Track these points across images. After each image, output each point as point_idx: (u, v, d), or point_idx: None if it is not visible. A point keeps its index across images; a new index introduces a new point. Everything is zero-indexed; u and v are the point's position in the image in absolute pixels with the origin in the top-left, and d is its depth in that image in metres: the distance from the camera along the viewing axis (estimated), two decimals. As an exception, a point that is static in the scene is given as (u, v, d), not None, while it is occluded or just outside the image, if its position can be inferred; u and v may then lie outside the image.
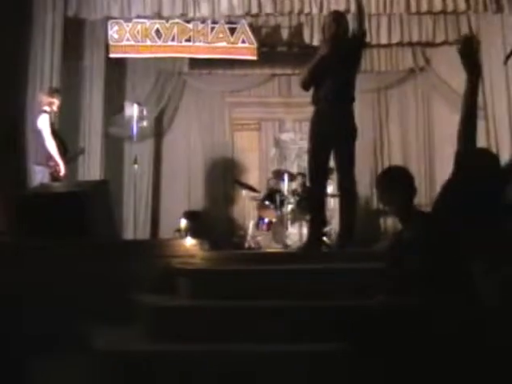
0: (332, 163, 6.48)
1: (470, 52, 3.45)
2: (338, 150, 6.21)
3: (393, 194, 3.75)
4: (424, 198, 9.50)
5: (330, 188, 8.77)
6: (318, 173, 6.33)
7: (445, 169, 11.09)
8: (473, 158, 3.49)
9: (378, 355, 3.21)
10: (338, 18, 6.44)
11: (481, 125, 9.64)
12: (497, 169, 3.47)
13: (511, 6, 9.14)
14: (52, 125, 7.85)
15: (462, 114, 3.50)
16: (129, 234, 9.97)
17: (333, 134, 6.14)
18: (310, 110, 6.52)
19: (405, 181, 3.81)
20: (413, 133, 11.08)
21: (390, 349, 3.15)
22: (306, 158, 7.47)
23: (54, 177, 7.73)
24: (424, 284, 3.31)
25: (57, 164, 7.71)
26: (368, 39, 9.95)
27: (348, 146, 6.20)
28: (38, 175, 7.76)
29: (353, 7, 8.89)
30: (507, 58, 7.15)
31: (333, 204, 9.04)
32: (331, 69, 6.18)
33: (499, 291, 3.02)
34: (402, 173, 3.89)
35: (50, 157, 7.71)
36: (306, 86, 6.44)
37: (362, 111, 10.17)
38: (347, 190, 6.21)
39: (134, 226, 10.17)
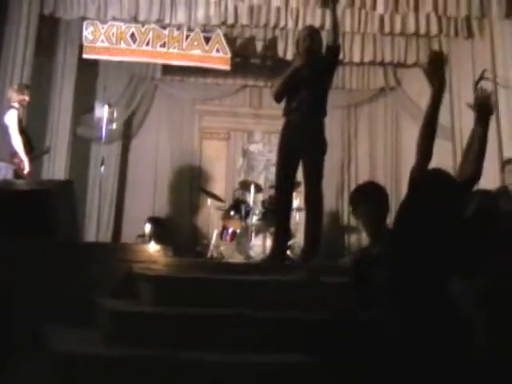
0: (299, 176, 6.48)
1: (436, 66, 3.47)
2: (307, 162, 6.18)
3: (367, 207, 3.77)
4: (390, 215, 9.54)
5: (296, 202, 8.80)
6: (285, 184, 6.32)
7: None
8: (425, 179, 3.53)
9: (342, 367, 3.23)
10: (313, 32, 6.48)
11: (447, 146, 9.87)
12: (450, 188, 3.50)
13: (482, 32, 9.30)
14: (19, 121, 7.77)
15: (422, 128, 3.53)
16: (90, 236, 9.89)
17: (303, 146, 6.13)
18: (279, 123, 6.51)
19: (380, 196, 3.84)
20: (381, 151, 11.18)
21: (356, 361, 3.17)
22: (273, 170, 7.47)
23: (18, 174, 7.64)
24: (392, 300, 3.34)
25: (21, 161, 7.62)
26: (341, 56, 10.05)
27: (318, 159, 6.18)
28: (2, 172, 7.67)
29: (328, 23, 8.98)
30: (477, 82, 7.26)
31: (298, 218, 9.07)
32: (305, 81, 6.19)
33: (475, 301, 3.06)
34: (378, 188, 3.93)
35: (14, 154, 7.63)
36: (278, 97, 6.42)
37: (332, 127, 10.21)
38: (314, 204, 6.21)
39: (96, 229, 10.11)
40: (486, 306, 3.10)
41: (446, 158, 9.74)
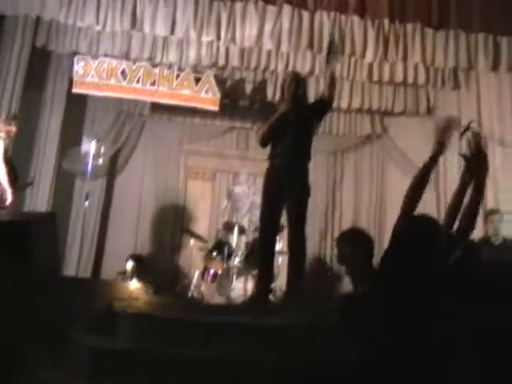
0: (282, 220, 6.47)
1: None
2: (291, 206, 6.19)
3: (354, 252, 3.74)
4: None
5: (279, 245, 8.79)
6: (270, 227, 6.31)
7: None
8: (412, 225, 3.54)
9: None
10: (298, 78, 6.55)
11: (431, 195, 9.91)
12: (436, 235, 3.51)
13: (468, 83, 9.41)
14: (5, 152, 7.72)
15: (415, 182, 3.54)
16: (71, 270, 9.78)
17: (288, 190, 6.15)
18: (265, 166, 6.52)
19: (366, 241, 3.82)
20: (365, 197, 11.18)
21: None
22: (257, 212, 7.43)
23: (0, 205, 7.58)
24: (378, 343, 3.32)
25: (4, 191, 7.56)
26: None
27: (302, 203, 6.20)
28: (-17, 202, 7.61)
29: (317, 68, 9.08)
30: (463, 132, 7.34)
31: (280, 261, 9.04)
32: (290, 126, 6.22)
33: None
34: (364, 234, 3.92)
35: (-2, 184, 7.58)
36: (264, 142, 6.42)
37: (317, 172, 10.30)
38: (298, 247, 6.19)
39: (76, 263, 10.00)
40: (469, 348, 3.11)
41: (430, 207, 9.77)
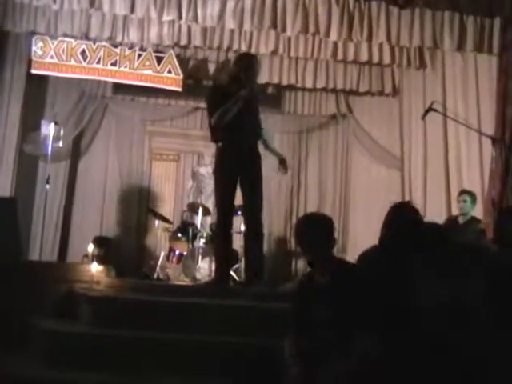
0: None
1: None
2: (246, 176, 6.26)
3: (314, 237, 3.61)
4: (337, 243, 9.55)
5: (242, 226, 8.78)
6: (225, 209, 6.32)
7: (358, 215, 11.14)
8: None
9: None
10: (258, 61, 6.59)
11: (396, 175, 9.96)
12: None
13: (434, 63, 9.40)
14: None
15: None
16: (35, 255, 9.66)
17: (243, 166, 6.20)
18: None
19: (328, 226, 3.69)
20: (330, 177, 11.12)
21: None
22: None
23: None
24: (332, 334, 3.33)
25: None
26: (293, 82, 10.09)
27: (257, 172, 6.32)
28: None
29: (281, 48, 9.05)
30: (425, 113, 7.36)
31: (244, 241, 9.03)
32: (247, 108, 6.19)
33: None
34: (325, 218, 3.77)
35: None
36: (221, 124, 6.24)
37: (282, 152, 10.17)
38: (254, 218, 6.29)
39: (40, 248, 9.88)
40: None
41: (394, 186, 9.83)
